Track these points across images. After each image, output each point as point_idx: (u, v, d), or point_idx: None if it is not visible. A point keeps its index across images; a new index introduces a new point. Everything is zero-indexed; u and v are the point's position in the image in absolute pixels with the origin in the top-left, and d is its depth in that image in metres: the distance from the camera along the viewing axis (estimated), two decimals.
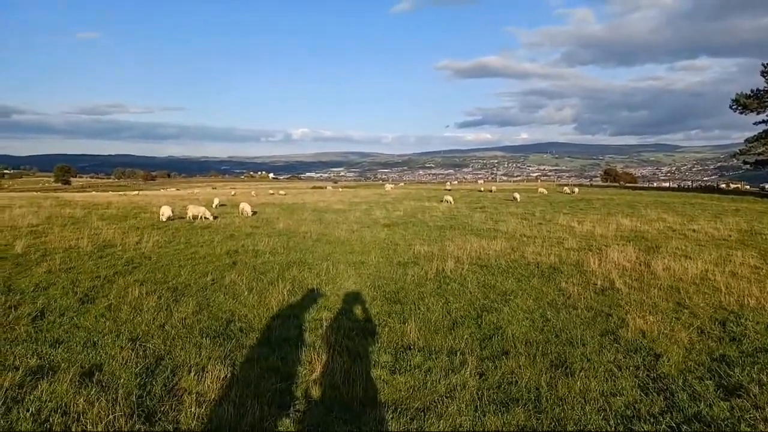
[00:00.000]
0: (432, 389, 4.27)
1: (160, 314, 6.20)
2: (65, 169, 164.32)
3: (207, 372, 4.44)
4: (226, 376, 4.38)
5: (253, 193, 52.05)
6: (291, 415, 3.80)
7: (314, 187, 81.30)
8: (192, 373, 4.43)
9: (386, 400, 4.07)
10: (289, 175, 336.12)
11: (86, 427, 3.45)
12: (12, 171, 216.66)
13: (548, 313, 6.46)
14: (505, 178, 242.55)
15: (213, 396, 4.03)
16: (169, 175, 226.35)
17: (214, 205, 24.84)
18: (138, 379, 4.29)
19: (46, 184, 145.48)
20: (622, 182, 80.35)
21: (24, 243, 10.69)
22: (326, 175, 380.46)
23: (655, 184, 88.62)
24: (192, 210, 18.06)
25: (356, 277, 8.56)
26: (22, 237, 11.58)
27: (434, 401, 4.05)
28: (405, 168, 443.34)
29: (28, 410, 3.66)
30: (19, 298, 6.71)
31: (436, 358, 4.96)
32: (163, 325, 5.80)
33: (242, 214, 20.01)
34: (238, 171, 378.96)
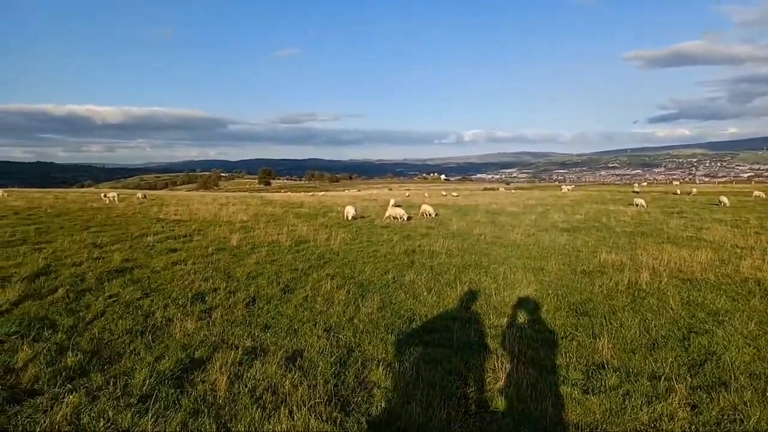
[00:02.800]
0: (633, 416, 3.84)
1: (349, 308, 6.65)
2: (267, 172, 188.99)
3: (393, 368, 4.62)
4: (411, 374, 4.49)
5: (426, 194, 53.47)
6: (477, 423, 3.74)
7: (486, 189, 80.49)
8: (380, 368, 4.65)
9: (579, 422, 3.77)
10: (460, 177, 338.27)
11: (292, 409, 3.82)
12: (227, 174, 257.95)
13: None
14: (706, 179, 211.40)
15: (400, 392, 4.16)
16: (350, 177, 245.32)
17: (390, 205, 26.02)
18: (333, 369, 4.64)
19: (252, 185, 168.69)
20: None
21: (238, 237, 12.41)
22: (497, 176, 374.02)
23: None
24: (390, 211, 19.42)
25: (536, 284, 8.17)
26: (236, 231, 13.48)
27: (636, 430, 3.63)
28: (584, 168, 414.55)
29: (246, 386, 4.20)
30: (235, 284, 7.77)
31: (635, 381, 4.46)
32: (352, 319, 6.22)
33: (424, 215, 20.55)
34: (411, 173, 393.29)
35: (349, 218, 18.46)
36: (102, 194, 28.82)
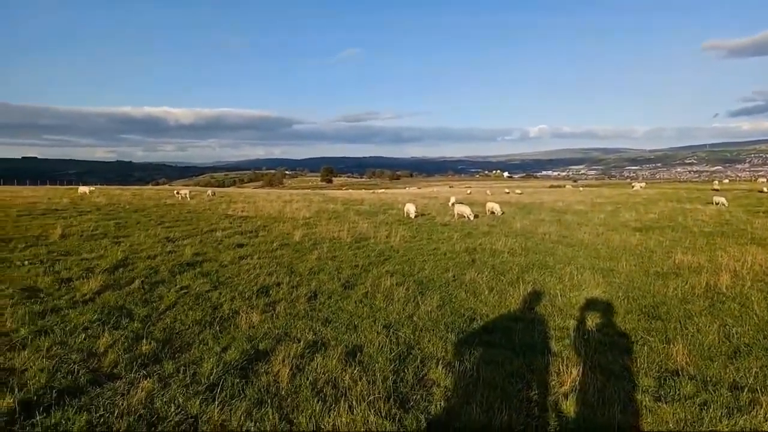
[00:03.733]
0: (711, 428, 3.57)
1: (409, 305, 6.64)
2: (329, 169, 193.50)
3: (453, 367, 4.55)
4: (472, 375, 4.41)
5: (488, 191, 52.54)
6: (540, 427, 3.61)
7: (551, 186, 78.09)
8: (439, 366, 4.60)
9: (650, 431, 3.55)
10: (524, 174, 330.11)
11: (351, 403, 3.85)
12: (291, 172, 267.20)
13: None
14: None
15: (460, 392, 4.10)
16: (411, 175, 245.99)
17: (450, 203, 25.73)
18: (392, 365, 4.64)
19: (314, 183, 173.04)
20: None
21: (300, 233, 12.70)
22: (564, 173, 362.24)
23: None
24: (457, 209, 19.25)
25: (605, 286, 7.82)
26: (299, 227, 13.80)
27: None
28: (659, 164, 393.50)
29: (307, 378, 4.29)
30: (298, 279, 7.95)
31: (714, 391, 4.16)
32: (411, 316, 6.19)
33: (491, 212, 20.16)
34: (473, 170, 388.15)
35: (411, 216, 18.43)
36: (175, 191, 30.38)
